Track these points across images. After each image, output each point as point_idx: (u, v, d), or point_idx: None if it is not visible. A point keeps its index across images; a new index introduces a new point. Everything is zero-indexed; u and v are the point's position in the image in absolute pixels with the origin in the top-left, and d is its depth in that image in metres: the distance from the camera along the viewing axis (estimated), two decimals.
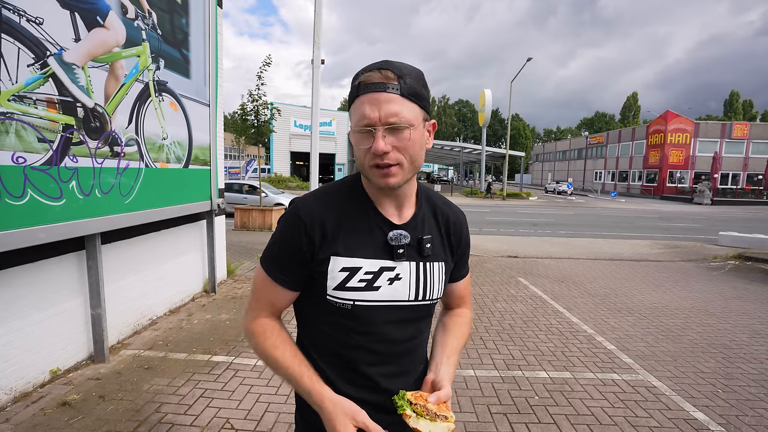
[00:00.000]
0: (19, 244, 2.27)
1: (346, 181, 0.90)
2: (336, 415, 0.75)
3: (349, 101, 0.81)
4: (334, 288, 0.82)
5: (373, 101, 0.74)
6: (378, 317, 0.85)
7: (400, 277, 0.85)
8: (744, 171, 34.01)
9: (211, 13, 4.34)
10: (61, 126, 2.50)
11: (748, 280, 6.42)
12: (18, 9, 2.19)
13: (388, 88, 0.73)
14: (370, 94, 0.74)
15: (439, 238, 0.92)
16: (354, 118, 0.78)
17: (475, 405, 2.67)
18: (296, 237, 0.82)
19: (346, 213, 0.84)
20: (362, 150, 0.77)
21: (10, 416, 2.32)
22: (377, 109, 0.74)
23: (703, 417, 2.60)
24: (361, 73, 0.77)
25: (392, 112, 0.73)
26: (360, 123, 0.75)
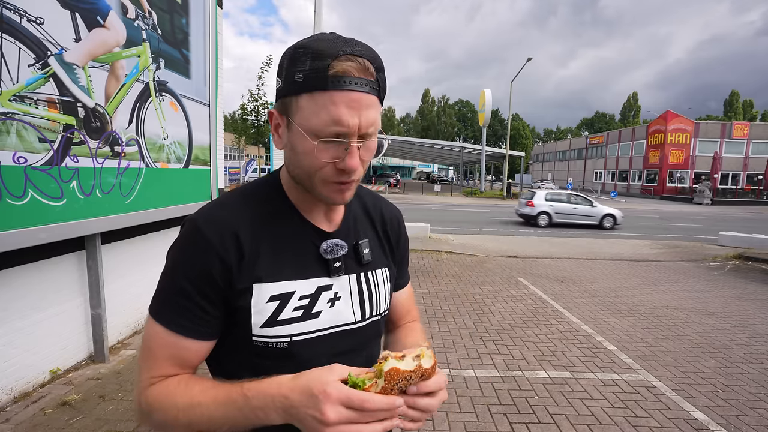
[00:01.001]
0: (20, 244, 2.27)
1: (260, 184, 0.72)
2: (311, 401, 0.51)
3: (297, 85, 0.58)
4: (261, 325, 0.63)
5: (354, 104, 0.57)
6: (321, 351, 0.67)
7: (340, 296, 0.70)
8: (744, 171, 34.01)
9: (211, 13, 4.34)
10: (62, 126, 2.50)
11: (748, 280, 6.42)
12: (19, 9, 2.19)
13: (367, 87, 0.58)
14: (350, 92, 0.56)
15: (376, 240, 0.79)
16: (314, 119, 0.57)
17: (475, 405, 2.68)
18: (204, 262, 0.61)
19: (264, 224, 0.66)
20: (320, 161, 0.59)
21: (10, 416, 2.33)
22: (357, 115, 0.57)
23: (703, 417, 2.61)
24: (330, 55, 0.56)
25: (371, 121, 0.59)
26: (329, 128, 0.57)
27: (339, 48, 0.57)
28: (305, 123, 0.58)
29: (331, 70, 0.56)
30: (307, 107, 0.58)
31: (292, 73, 0.58)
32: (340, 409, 0.50)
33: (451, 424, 2.45)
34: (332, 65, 0.56)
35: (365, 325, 0.73)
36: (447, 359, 3.34)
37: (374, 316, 0.75)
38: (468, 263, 7.08)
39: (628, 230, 13.04)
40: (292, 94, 0.59)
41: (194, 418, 0.57)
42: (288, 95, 0.60)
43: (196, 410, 0.57)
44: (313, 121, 0.58)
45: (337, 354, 0.68)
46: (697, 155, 33.85)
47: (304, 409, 0.51)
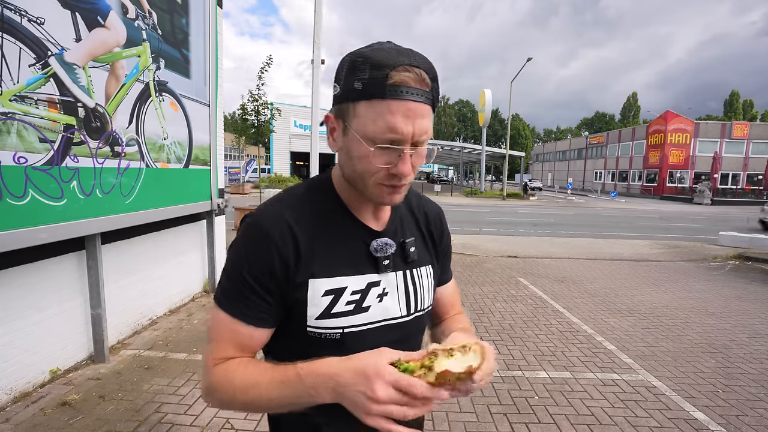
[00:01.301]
0: (20, 244, 2.27)
1: (314, 184, 0.76)
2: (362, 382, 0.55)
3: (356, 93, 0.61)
4: (317, 317, 0.68)
5: (409, 113, 0.59)
6: (370, 342, 0.70)
7: (387, 291, 0.73)
8: (744, 171, 34.02)
9: (211, 13, 4.35)
10: (62, 126, 2.50)
11: (748, 280, 6.42)
12: (19, 9, 2.19)
13: (422, 98, 0.60)
14: (406, 101, 0.59)
15: (421, 238, 0.82)
16: (371, 126, 0.60)
17: (474, 405, 2.68)
18: (265, 257, 0.66)
19: (319, 222, 0.70)
20: (374, 166, 0.63)
21: (10, 416, 2.33)
22: (411, 123, 0.60)
23: (703, 417, 2.61)
24: (389, 65, 0.58)
25: (424, 129, 0.61)
26: (384, 136, 0.60)
27: (397, 58, 0.59)
28: (362, 129, 0.61)
29: (390, 80, 0.58)
30: (364, 114, 0.61)
31: (351, 81, 0.61)
32: (389, 388, 0.53)
33: (451, 424, 2.45)
34: (390, 75, 0.58)
35: (410, 320, 0.77)
36: None
37: (418, 312, 0.78)
38: (468, 263, 7.08)
39: (628, 230, 13.05)
40: (350, 100, 0.62)
41: (252, 397, 0.63)
42: (346, 101, 0.63)
43: (254, 390, 0.62)
44: (369, 127, 0.60)
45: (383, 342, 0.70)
46: (697, 155, 33.86)
47: (354, 388, 0.55)
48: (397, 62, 0.59)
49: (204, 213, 4.52)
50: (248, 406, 0.64)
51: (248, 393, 0.62)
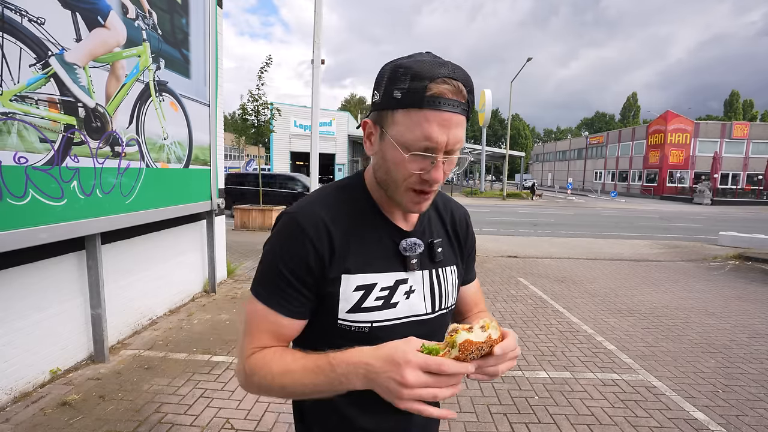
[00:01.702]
0: (20, 244, 2.27)
1: (347, 185, 0.79)
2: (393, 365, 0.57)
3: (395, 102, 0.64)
4: (348, 311, 0.71)
5: (445, 123, 0.62)
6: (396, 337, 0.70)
7: (414, 289, 0.77)
8: (744, 171, 34.01)
9: (211, 13, 4.35)
10: (63, 126, 2.50)
11: (748, 280, 6.42)
12: (20, 9, 2.19)
13: (459, 109, 0.63)
14: (442, 112, 0.62)
15: (447, 239, 0.86)
16: (408, 134, 0.63)
17: (475, 405, 2.68)
18: (301, 252, 0.69)
19: (352, 221, 0.73)
20: (407, 172, 0.66)
21: (10, 416, 2.33)
22: (446, 133, 0.63)
23: (703, 417, 2.61)
24: (428, 77, 0.61)
25: (458, 139, 0.64)
26: (420, 143, 0.63)
27: (437, 71, 0.62)
28: (398, 136, 0.64)
29: (428, 92, 0.61)
30: (402, 122, 0.64)
31: (390, 90, 0.64)
32: (419, 373, 0.55)
33: (450, 424, 2.45)
34: (429, 87, 0.61)
35: (435, 317, 0.80)
36: None
37: (442, 309, 0.82)
38: None
39: (628, 230, 13.05)
40: (389, 108, 0.65)
41: (286, 383, 0.65)
42: (385, 109, 0.66)
43: (288, 376, 0.65)
44: (406, 135, 0.64)
45: None
46: (697, 155, 33.85)
47: (385, 374, 0.57)
48: (437, 74, 0.61)
49: (204, 213, 4.52)
50: (285, 391, 0.67)
51: (284, 378, 0.66)
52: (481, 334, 0.59)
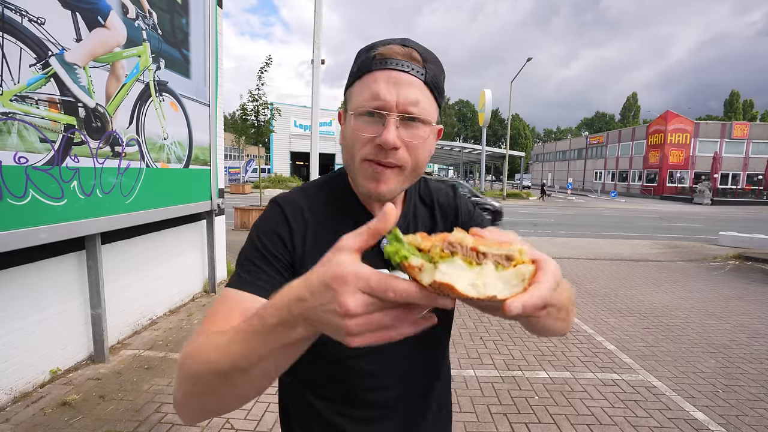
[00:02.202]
0: (21, 244, 2.27)
1: (329, 180, 0.77)
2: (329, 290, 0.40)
3: (353, 76, 0.65)
4: None
5: (393, 80, 0.60)
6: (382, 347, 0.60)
7: None
8: (744, 171, 34.02)
9: (211, 13, 4.35)
10: (63, 126, 2.50)
11: (748, 280, 6.42)
12: (20, 9, 2.19)
13: (412, 70, 0.61)
14: (389, 70, 0.60)
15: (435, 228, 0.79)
16: (359, 97, 0.62)
17: (475, 405, 2.68)
18: (276, 228, 0.67)
19: (331, 215, 0.71)
20: (361, 138, 0.62)
21: (10, 416, 2.33)
22: (396, 90, 0.60)
23: (703, 417, 2.61)
24: (378, 44, 0.63)
25: (413, 100, 0.61)
26: (369, 103, 0.61)
27: (388, 40, 0.63)
28: (353, 106, 0.64)
29: (372, 53, 0.62)
30: (356, 92, 0.64)
31: (351, 69, 0.65)
32: (361, 295, 0.39)
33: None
34: (379, 50, 0.62)
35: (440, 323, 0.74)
36: None
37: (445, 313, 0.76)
38: None
39: (628, 230, 13.04)
40: (349, 86, 0.66)
41: (213, 356, 0.49)
42: (348, 89, 0.67)
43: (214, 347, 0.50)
44: (358, 101, 0.63)
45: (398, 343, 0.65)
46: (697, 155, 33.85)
47: (322, 308, 0.41)
48: (387, 41, 0.62)
49: (204, 213, 4.52)
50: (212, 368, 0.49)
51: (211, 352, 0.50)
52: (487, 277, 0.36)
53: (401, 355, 0.71)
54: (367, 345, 0.41)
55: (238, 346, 0.47)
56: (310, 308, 0.42)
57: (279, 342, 0.45)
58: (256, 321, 0.47)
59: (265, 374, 0.49)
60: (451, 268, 0.36)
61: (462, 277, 0.36)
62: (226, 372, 0.48)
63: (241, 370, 0.48)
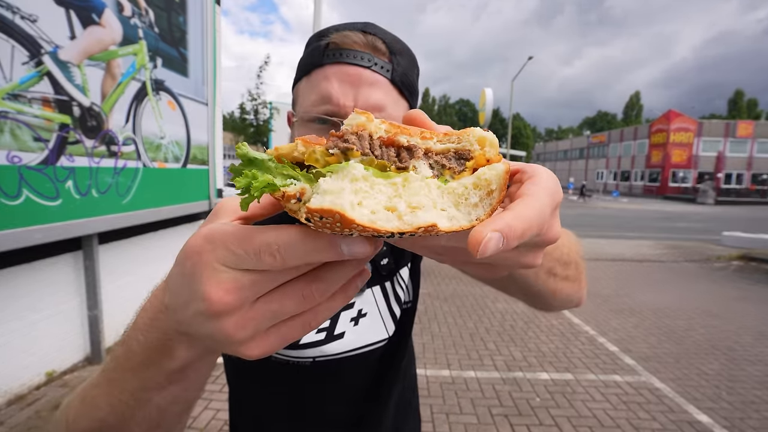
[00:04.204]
0: (15, 245, 2.25)
1: None
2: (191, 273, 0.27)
3: (300, 71, 0.51)
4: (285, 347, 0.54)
5: (349, 78, 0.47)
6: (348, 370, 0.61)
7: (365, 312, 0.63)
8: (748, 170, 33.84)
9: (209, 10, 4.32)
10: (57, 125, 2.48)
11: (752, 281, 6.36)
12: (12, 6, 2.16)
13: (374, 65, 0.48)
14: (344, 65, 0.47)
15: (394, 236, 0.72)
16: (306, 99, 0.49)
17: (476, 406, 2.64)
18: None
19: None
20: None
21: (4, 419, 2.30)
22: (353, 93, 0.47)
23: (706, 419, 2.57)
24: (332, 29, 0.48)
25: (375, 103, 0.48)
26: (317, 108, 0.47)
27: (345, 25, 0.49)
28: (300, 109, 0.51)
29: (323, 41, 0.48)
30: (302, 92, 0.51)
31: (300, 62, 0.53)
32: (229, 274, 0.25)
33: (451, 426, 2.42)
34: (328, 37, 0.48)
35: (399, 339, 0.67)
36: (448, 360, 3.31)
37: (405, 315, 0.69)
38: None
39: (630, 230, 12.98)
40: (296, 82, 0.54)
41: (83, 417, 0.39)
42: (295, 85, 0.55)
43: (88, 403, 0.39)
44: (305, 104, 0.50)
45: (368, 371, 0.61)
46: (701, 154, 33.72)
47: (186, 311, 0.28)
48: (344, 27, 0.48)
49: (202, 213, 4.49)
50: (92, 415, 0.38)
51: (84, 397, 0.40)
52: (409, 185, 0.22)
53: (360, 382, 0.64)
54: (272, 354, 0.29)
55: (105, 392, 0.36)
56: (176, 315, 0.29)
57: (158, 377, 0.33)
58: (120, 350, 0.36)
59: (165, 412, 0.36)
60: (345, 181, 0.21)
61: (370, 197, 0.21)
62: (114, 426, 0.37)
63: (128, 419, 0.36)
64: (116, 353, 0.37)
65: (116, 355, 0.36)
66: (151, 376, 0.34)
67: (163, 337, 0.31)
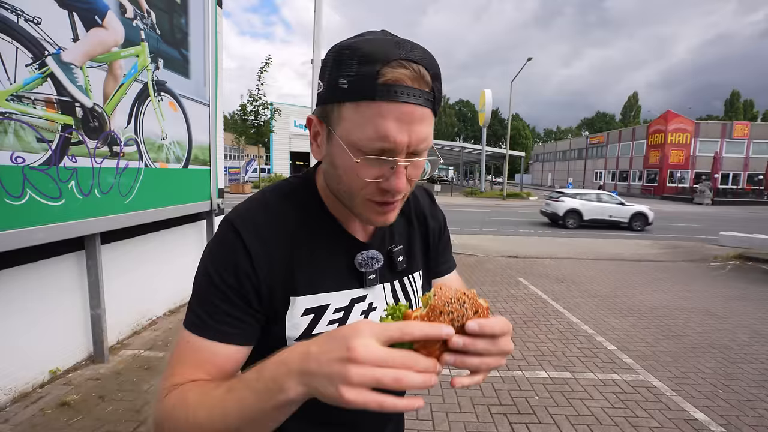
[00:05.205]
0: (18, 245, 2.26)
1: (297, 187, 0.66)
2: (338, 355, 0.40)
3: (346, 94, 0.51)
4: (296, 339, 0.59)
5: (404, 117, 0.50)
6: None
7: (375, 306, 0.66)
8: (744, 171, 33.98)
9: (211, 12, 4.34)
10: (60, 126, 2.49)
11: (748, 281, 6.40)
12: (16, 8, 2.18)
13: (423, 100, 0.51)
14: (401, 104, 0.49)
15: (410, 238, 0.74)
16: (357, 130, 0.51)
17: (475, 405, 2.67)
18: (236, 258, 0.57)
19: (302, 233, 0.61)
20: (362, 180, 0.54)
21: (9, 417, 2.32)
22: (407, 131, 0.50)
23: (703, 417, 2.60)
24: (381, 59, 0.49)
25: (423, 137, 0.52)
26: (373, 145, 0.51)
27: (390, 51, 0.50)
28: (347, 136, 0.52)
29: (381, 78, 0.49)
30: (350, 118, 0.52)
31: (335, 78, 0.52)
32: (374, 344, 0.39)
33: (451, 425, 2.45)
34: (382, 72, 0.49)
35: None
36: None
37: None
38: (468, 263, 7.07)
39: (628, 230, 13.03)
40: (334, 101, 0.53)
41: (201, 417, 0.48)
42: (330, 102, 0.54)
43: (206, 406, 0.48)
44: (356, 134, 0.51)
45: None
46: (698, 155, 33.83)
47: (326, 356, 0.40)
48: (391, 56, 0.49)
49: (203, 213, 4.51)
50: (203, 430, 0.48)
51: (200, 410, 0.48)
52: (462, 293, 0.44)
53: None
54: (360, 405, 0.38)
55: (229, 401, 0.47)
56: (314, 359, 0.41)
57: (268, 400, 0.44)
58: (252, 375, 0.47)
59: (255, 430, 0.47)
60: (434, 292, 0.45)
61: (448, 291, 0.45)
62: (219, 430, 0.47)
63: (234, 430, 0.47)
64: (247, 377, 0.47)
65: (246, 377, 0.47)
66: (264, 400, 0.45)
67: (282, 374, 0.43)
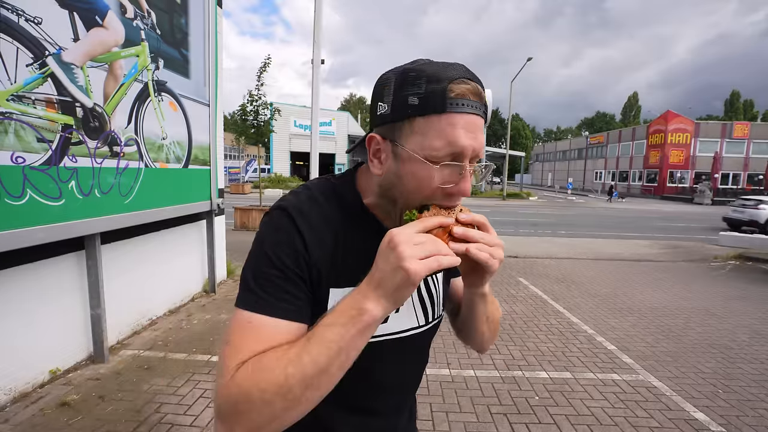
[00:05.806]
0: (18, 245, 2.27)
1: (341, 187, 0.72)
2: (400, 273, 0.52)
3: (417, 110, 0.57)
4: None
5: (470, 126, 0.57)
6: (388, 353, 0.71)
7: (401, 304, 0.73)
8: (744, 171, 33.98)
9: (211, 12, 4.34)
10: (60, 126, 2.50)
11: (748, 281, 6.41)
12: (17, 8, 2.18)
13: (481, 111, 0.59)
14: (467, 114, 0.57)
15: None
16: (435, 141, 0.57)
17: (475, 405, 2.67)
18: (292, 241, 0.62)
19: (346, 228, 0.67)
20: (433, 187, 0.59)
21: (9, 417, 2.32)
22: (473, 138, 0.57)
23: (703, 417, 2.60)
24: (446, 78, 0.56)
25: (483, 143, 0.60)
26: (446, 150, 0.57)
27: (451, 72, 0.58)
28: (421, 148, 0.58)
29: (451, 93, 0.56)
30: (422, 131, 0.58)
31: (403, 97, 0.58)
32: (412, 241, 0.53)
33: (451, 425, 2.45)
34: (451, 88, 0.56)
35: (427, 329, 0.77)
36: (447, 359, 3.34)
37: (436, 319, 0.79)
38: None
39: (628, 230, 13.03)
40: (404, 118, 0.59)
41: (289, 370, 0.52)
42: (398, 120, 0.59)
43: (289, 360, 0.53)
44: (428, 144, 0.57)
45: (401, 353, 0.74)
46: (698, 155, 33.83)
47: (384, 265, 0.54)
48: (454, 75, 0.57)
49: (204, 213, 4.51)
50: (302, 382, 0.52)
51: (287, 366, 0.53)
52: None
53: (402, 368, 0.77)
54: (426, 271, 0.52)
55: (319, 346, 0.53)
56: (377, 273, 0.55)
57: (357, 326, 0.54)
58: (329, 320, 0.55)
59: (341, 366, 0.54)
60: None
61: None
62: (311, 375, 0.53)
63: (322, 371, 0.53)
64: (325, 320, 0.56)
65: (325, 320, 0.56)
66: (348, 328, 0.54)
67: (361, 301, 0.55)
